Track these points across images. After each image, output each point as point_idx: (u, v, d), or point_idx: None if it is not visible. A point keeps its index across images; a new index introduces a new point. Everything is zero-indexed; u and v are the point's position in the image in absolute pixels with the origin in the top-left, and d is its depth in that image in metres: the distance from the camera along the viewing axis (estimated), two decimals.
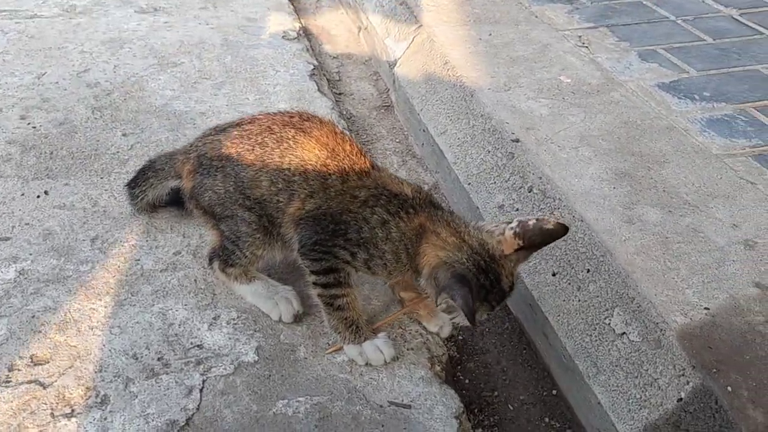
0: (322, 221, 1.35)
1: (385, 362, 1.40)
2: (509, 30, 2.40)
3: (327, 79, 2.56)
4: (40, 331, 1.41)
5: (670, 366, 1.23)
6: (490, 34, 2.37)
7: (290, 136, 1.39)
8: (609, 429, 1.27)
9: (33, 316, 1.44)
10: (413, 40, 2.41)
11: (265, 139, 1.39)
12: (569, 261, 1.49)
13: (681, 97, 2.01)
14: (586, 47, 2.31)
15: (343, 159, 1.38)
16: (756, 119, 1.91)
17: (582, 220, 1.52)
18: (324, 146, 1.38)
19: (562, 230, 1.31)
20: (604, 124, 1.88)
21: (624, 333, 1.32)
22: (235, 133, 1.43)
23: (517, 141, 1.80)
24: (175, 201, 1.71)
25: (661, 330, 1.27)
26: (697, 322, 1.27)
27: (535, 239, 1.31)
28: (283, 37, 2.72)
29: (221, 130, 1.47)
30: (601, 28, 2.44)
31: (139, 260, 1.60)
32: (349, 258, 1.35)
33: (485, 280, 1.29)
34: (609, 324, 1.35)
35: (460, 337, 1.58)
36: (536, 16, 2.52)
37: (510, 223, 1.33)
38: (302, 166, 1.36)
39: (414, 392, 1.35)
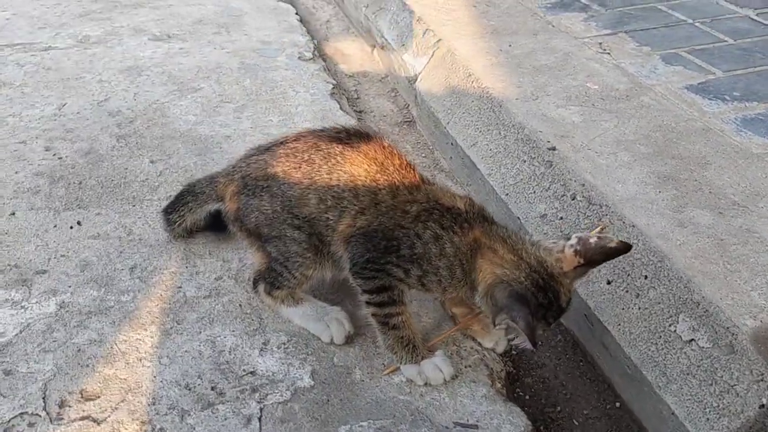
0: (373, 238, 1.32)
1: (445, 381, 1.36)
2: (528, 40, 2.39)
3: (346, 98, 2.54)
4: (87, 365, 1.36)
5: (746, 371, 1.19)
6: (510, 45, 2.35)
7: (338, 152, 1.36)
8: None
9: (79, 350, 1.39)
10: (433, 54, 2.40)
11: (312, 156, 1.36)
12: (624, 268, 1.46)
13: (711, 99, 2.00)
14: (608, 53, 2.30)
15: (393, 173, 1.35)
16: None
17: (633, 226, 1.49)
18: (373, 161, 1.35)
19: (624, 249, 1.29)
20: (638, 128, 1.86)
21: (692, 339, 1.29)
22: (281, 151, 1.40)
23: (554, 149, 1.77)
24: (212, 225, 1.68)
25: (733, 334, 1.23)
26: None
27: (596, 258, 1.28)
28: (299, 57, 2.71)
29: (265, 149, 1.44)
30: (620, 34, 2.43)
31: (180, 287, 1.56)
32: (402, 275, 1.32)
33: (543, 299, 1.26)
34: (675, 331, 1.32)
35: (514, 352, 1.54)
36: (553, 26, 2.51)
37: (569, 239, 1.31)
38: (351, 181, 1.33)
39: (478, 411, 1.31)
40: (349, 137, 1.38)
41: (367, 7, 2.94)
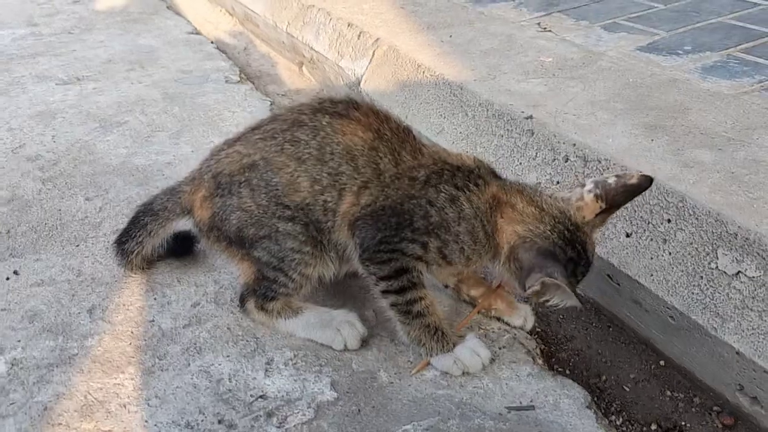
0: (382, 216, 1.16)
1: (483, 366, 1.20)
2: (467, 29, 2.32)
3: None
4: (60, 423, 1.12)
5: None
6: (451, 36, 2.28)
7: (325, 124, 1.19)
8: (759, 378, 1.12)
9: (45, 408, 1.14)
10: (374, 54, 2.29)
11: (296, 133, 1.19)
12: (642, 217, 1.36)
13: (666, 55, 1.98)
14: (550, 31, 2.26)
15: (391, 138, 1.19)
16: (746, 60, 1.89)
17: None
18: (367, 127, 1.19)
19: (646, 182, 1.18)
20: (606, 89, 1.80)
21: (739, 272, 1.19)
22: (256, 137, 1.22)
23: (531, 117, 1.68)
24: (173, 251, 1.47)
25: None
26: None
27: (618, 198, 1.17)
28: (226, 81, 2.54)
29: (235, 140, 1.26)
30: (554, 14, 2.41)
31: (153, 321, 1.34)
32: (420, 252, 1.16)
33: (573, 252, 1.14)
34: (717, 267, 1.22)
35: (539, 329, 1.40)
36: (485, 15, 2.46)
37: (585, 185, 1.19)
38: (348, 153, 1.17)
39: (529, 391, 1.16)
40: (335, 105, 1.22)
41: (288, 25, 2.81)
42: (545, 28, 2.28)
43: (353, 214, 1.17)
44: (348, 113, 1.20)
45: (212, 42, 3.01)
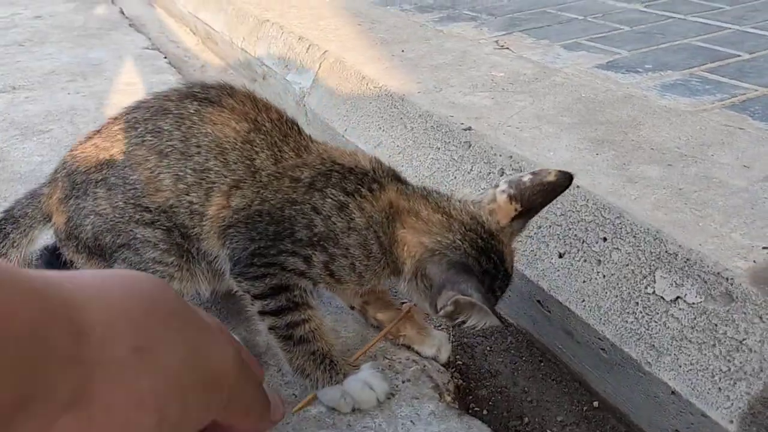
0: (258, 224, 0.99)
1: (378, 402, 1.02)
2: (421, 45, 2.20)
3: None
4: None
5: (755, 319, 0.93)
6: (403, 50, 2.15)
7: (192, 111, 1.02)
8: (696, 423, 0.95)
9: None
10: (320, 66, 2.15)
11: (159, 123, 1.02)
12: (576, 235, 1.20)
13: (624, 73, 1.84)
14: (507, 48, 2.13)
15: (272, 131, 1.03)
16: (709, 79, 1.75)
17: (578, 187, 1.24)
18: (243, 117, 1.03)
19: (565, 180, 1.02)
20: (556, 103, 1.66)
21: (678, 297, 1.02)
22: (116, 127, 1.04)
23: (470, 129, 1.53)
24: (51, 264, 1.29)
25: (727, 280, 0.98)
26: (764, 263, 1.00)
27: (535, 199, 1.01)
28: None
29: (95, 132, 1.09)
30: (514, 33, 2.29)
31: None
32: (302, 266, 0.99)
33: (488, 263, 0.97)
34: (654, 292, 1.05)
35: (459, 362, 1.22)
36: (444, 33, 2.34)
37: (497, 186, 1.03)
38: (217, 146, 1.00)
39: None
40: (207, 90, 1.06)
41: (243, 40, 2.69)
42: (503, 46, 2.16)
43: (224, 218, 1.00)
44: (220, 100, 1.04)
45: (165, 57, 2.88)
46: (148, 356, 0.42)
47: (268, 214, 0.98)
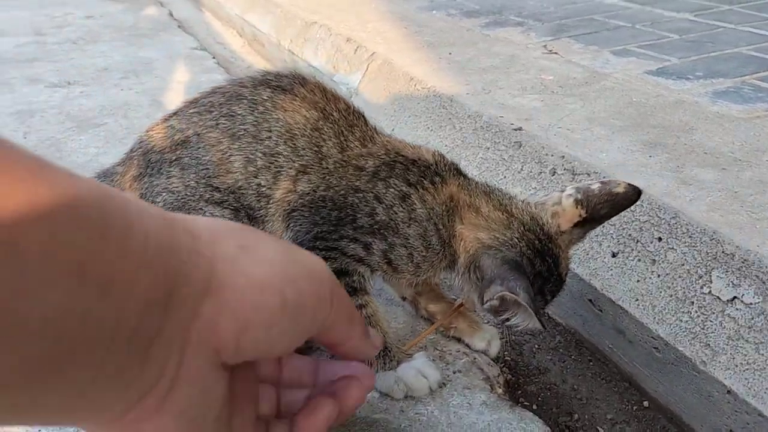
0: (321, 209, 1.01)
1: (431, 390, 1.03)
2: (468, 49, 2.21)
3: None
4: None
5: None
6: (450, 53, 2.17)
7: (266, 97, 1.05)
8: (753, 423, 0.94)
9: None
10: (368, 67, 2.18)
11: (233, 107, 1.05)
12: (630, 235, 1.20)
13: (675, 79, 1.83)
14: (556, 53, 2.14)
15: (339, 120, 1.05)
16: (761, 87, 1.74)
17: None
18: (313, 105, 1.05)
19: (633, 194, 1.03)
20: (607, 107, 1.66)
21: (735, 297, 1.02)
22: (192, 110, 1.08)
23: (520, 129, 1.54)
24: None
25: None
26: None
27: (601, 208, 1.02)
28: None
29: (171, 114, 1.13)
30: (562, 39, 2.29)
31: None
32: (362, 253, 1.01)
33: (542, 266, 0.98)
34: (710, 292, 1.05)
35: (508, 358, 1.23)
36: (491, 37, 2.35)
37: (564, 190, 1.04)
38: (287, 132, 1.03)
39: (480, 422, 0.98)
40: (280, 79, 1.09)
41: (291, 42, 2.74)
42: (551, 51, 2.16)
43: (289, 202, 1.02)
44: (292, 89, 1.07)
45: (214, 58, 2.94)
46: (252, 252, 0.46)
47: (332, 200, 1.00)
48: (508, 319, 0.97)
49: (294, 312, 0.46)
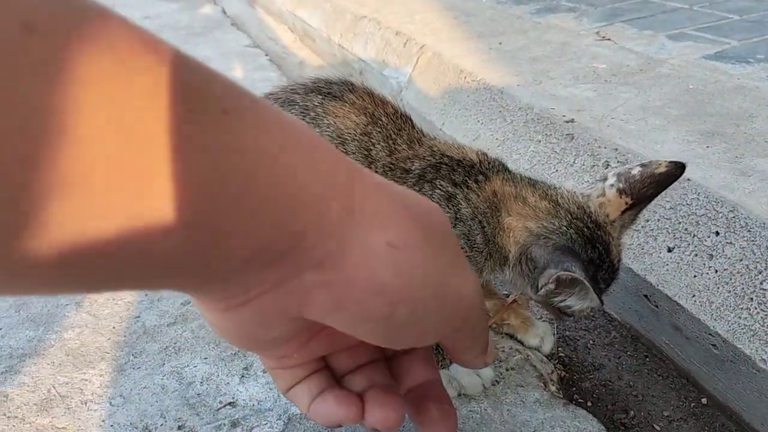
0: None
1: (484, 388, 1.04)
2: (519, 37, 2.19)
3: None
4: (16, 416, 1.03)
5: None
6: (500, 43, 2.15)
7: (317, 104, 1.08)
8: None
9: (6, 398, 1.07)
10: (417, 61, 2.18)
11: (286, 113, 1.08)
12: (686, 229, 1.17)
13: (734, 63, 1.77)
14: (609, 39, 2.09)
15: (387, 124, 1.07)
16: None
17: (688, 180, 1.22)
18: (362, 111, 1.07)
19: (676, 170, 1.00)
20: (663, 95, 1.62)
21: None
22: None
23: (572, 121, 1.52)
24: None
25: None
26: None
27: (646, 191, 1.00)
28: None
29: None
30: (616, 24, 2.24)
31: (138, 317, 1.25)
32: None
33: (593, 252, 0.97)
34: None
35: (561, 354, 1.23)
36: (541, 24, 2.32)
37: (606, 180, 1.03)
38: (339, 137, 1.05)
39: (533, 420, 0.99)
40: (330, 86, 1.11)
41: (341, 36, 2.76)
42: (604, 37, 2.12)
43: None
44: (342, 95, 1.08)
45: (266, 55, 2.99)
46: (401, 254, 0.42)
47: None
48: (563, 301, 0.96)
49: (393, 328, 0.43)
